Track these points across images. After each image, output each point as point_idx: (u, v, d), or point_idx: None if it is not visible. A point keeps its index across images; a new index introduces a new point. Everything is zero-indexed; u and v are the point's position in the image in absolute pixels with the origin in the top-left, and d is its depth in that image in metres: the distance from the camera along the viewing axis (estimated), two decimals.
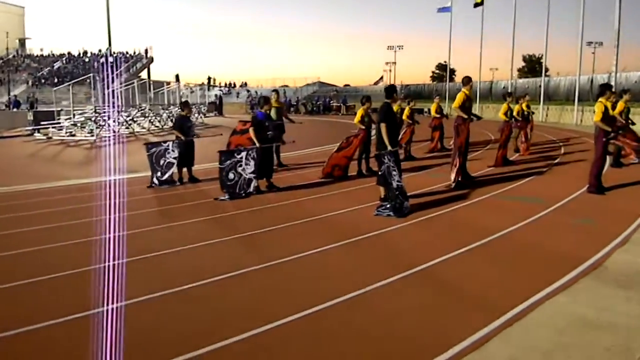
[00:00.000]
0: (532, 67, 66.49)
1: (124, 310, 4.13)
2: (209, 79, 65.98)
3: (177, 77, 53.85)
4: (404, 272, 4.94)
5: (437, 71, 77.21)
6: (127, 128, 25.36)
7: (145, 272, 5.14)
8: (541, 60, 46.31)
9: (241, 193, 8.70)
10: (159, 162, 9.71)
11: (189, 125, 10.37)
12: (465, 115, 9.59)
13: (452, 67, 59.20)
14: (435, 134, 15.33)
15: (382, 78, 73.92)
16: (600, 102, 8.50)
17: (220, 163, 8.64)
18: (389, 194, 7.46)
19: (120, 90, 31.43)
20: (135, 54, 60.84)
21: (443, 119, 15.38)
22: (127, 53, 60.23)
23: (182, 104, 11.04)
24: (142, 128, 26.37)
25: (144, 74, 60.00)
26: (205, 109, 38.17)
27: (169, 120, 27.33)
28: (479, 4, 37.31)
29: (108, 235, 6.40)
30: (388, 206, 7.38)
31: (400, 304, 4.25)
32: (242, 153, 8.81)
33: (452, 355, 3.38)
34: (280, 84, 66.21)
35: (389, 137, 7.73)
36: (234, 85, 66.14)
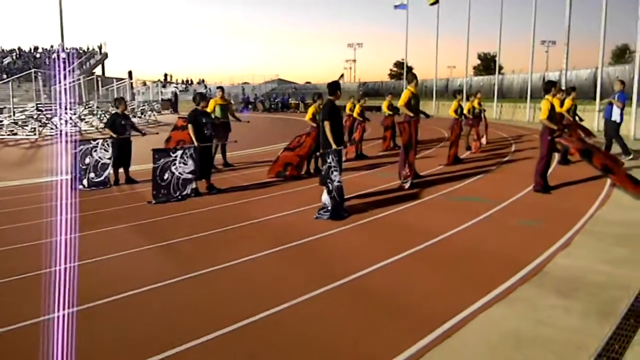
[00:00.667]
0: (488, 65, 67.58)
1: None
2: (165, 75, 64.61)
3: (129, 73, 52.38)
4: (335, 283, 4.57)
5: (395, 69, 77.57)
6: (74, 126, 24.20)
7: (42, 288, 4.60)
8: (496, 59, 47.00)
9: (177, 195, 8.18)
10: (84, 161, 9.03)
11: (123, 123, 9.73)
12: (412, 114, 9.33)
13: (409, 64, 59.65)
14: (387, 132, 15.10)
15: (342, 76, 73.94)
16: (546, 100, 8.37)
17: (154, 162, 8.09)
18: (328, 195, 7.10)
19: (67, 87, 30.03)
20: (89, 49, 58.75)
21: (395, 117, 15.17)
22: (80, 49, 58.04)
23: (115, 100, 10.38)
24: (91, 126, 25.23)
25: (98, 71, 58.12)
26: (158, 107, 37.01)
27: None
28: (434, 2, 37.44)
29: (19, 245, 5.83)
30: (329, 209, 7.02)
31: (326, 321, 3.87)
32: (178, 152, 8.29)
33: None
34: (239, 80, 65.40)
35: (333, 135, 7.41)
36: (191, 83, 64.84)
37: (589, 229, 6.27)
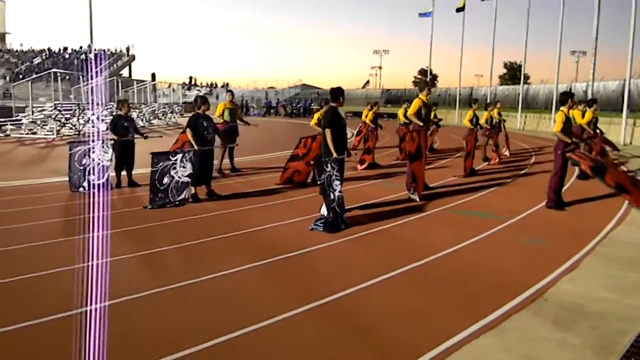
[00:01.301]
0: (514, 74, 66.32)
1: None
2: (190, 78, 65.17)
3: (153, 75, 52.90)
4: (315, 302, 4.24)
5: (419, 76, 76.68)
6: (92, 127, 24.37)
7: (15, 297, 4.40)
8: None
9: (174, 201, 7.97)
10: (81, 162, 8.87)
11: (126, 125, 9.57)
12: (421, 123, 8.97)
13: (434, 72, 58.95)
14: (403, 143, 14.68)
15: (368, 82, 73.65)
16: (561, 112, 7.96)
17: (152, 166, 7.89)
18: (326, 206, 6.79)
19: (91, 87, 30.36)
20: (117, 51, 59.71)
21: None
22: (108, 50, 59.01)
23: (119, 102, 10.22)
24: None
25: (125, 72, 59.04)
26: (179, 109, 37.21)
27: (138, 118, 26.43)
28: (460, 9, 36.99)
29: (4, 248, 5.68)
30: (327, 220, 6.70)
31: (292, 347, 3.56)
32: (178, 155, 8.08)
33: None
34: (263, 85, 65.59)
35: (334, 143, 7.12)
36: (216, 86, 65.28)
37: (600, 250, 5.82)
